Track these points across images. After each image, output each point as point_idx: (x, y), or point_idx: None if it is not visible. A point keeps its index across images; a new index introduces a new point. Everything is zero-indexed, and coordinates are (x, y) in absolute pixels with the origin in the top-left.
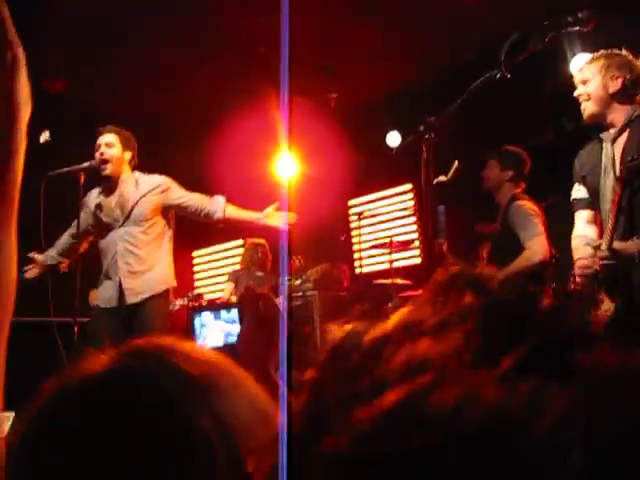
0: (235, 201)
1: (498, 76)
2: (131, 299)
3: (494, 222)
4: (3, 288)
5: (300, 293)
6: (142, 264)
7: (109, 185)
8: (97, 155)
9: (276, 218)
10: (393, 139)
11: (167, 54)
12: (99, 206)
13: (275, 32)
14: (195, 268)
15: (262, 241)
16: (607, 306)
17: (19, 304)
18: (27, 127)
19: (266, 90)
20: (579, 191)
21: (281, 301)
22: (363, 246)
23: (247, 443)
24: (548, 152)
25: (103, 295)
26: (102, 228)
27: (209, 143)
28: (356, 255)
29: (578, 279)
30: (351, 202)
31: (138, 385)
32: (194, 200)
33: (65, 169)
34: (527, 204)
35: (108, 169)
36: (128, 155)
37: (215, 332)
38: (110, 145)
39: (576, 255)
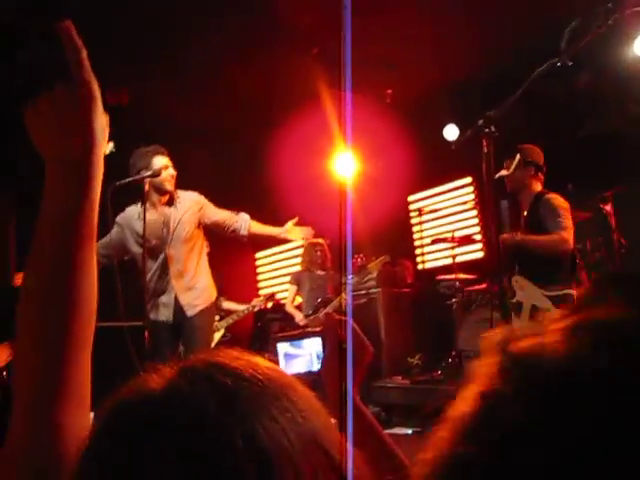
0: (296, 200)
1: (559, 64)
2: (190, 312)
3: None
4: (89, 304)
5: (363, 291)
6: (192, 279)
7: (156, 202)
8: (166, 174)
9: (295, 232)
10: (451, 133)
11: (224, 58)
12: (147, 227)
13: (329, 30)
14: (259, 269)
15: (320, 240)
16: None
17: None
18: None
19: (322, 89)
20: None
21: (345, 299)
22: (424, 242)
23: (286, 471)
24: (613, 138)
25: (160, 312)
26: (149, 249)
27: (269, 144)
28: (418, 251)
29: None
30: (411, 198)
31: (185, 409)
32: (224, 217)
33: (131, 178)
34: (558, 198)
35: (172, 185)
36: None
37: (297, 361)
38: (171, 165)
39: None
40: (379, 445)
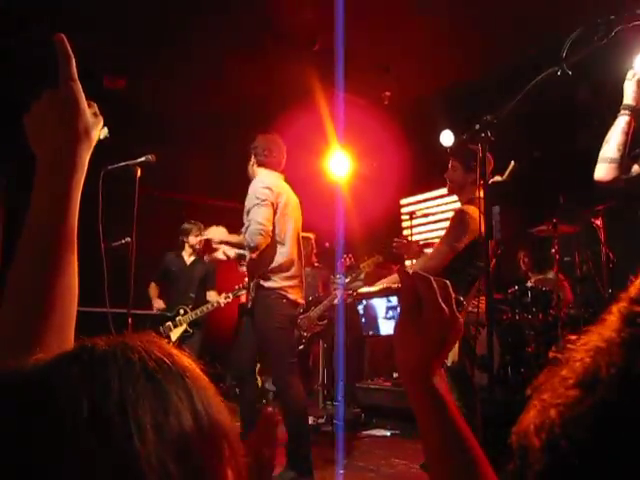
0: None
1: (559, 73)
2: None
3: (550, 225)
4: (73, 295)
5: (350, 291)
6: None
7: None
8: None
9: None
10: (446, 138)
11: (222, 52)
12: None
13: (329, 30)
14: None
15: (311, 235)
16: None
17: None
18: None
19: (320, 88)
20: None
21: (337, 297)
22: None
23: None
24: None
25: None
26: None
27: None
28: None
29: None
30: (403, 201)
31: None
32: None
33: (122, 163)
34: (464, 212)
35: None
36: None
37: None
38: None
39: None
40: (461, 456)
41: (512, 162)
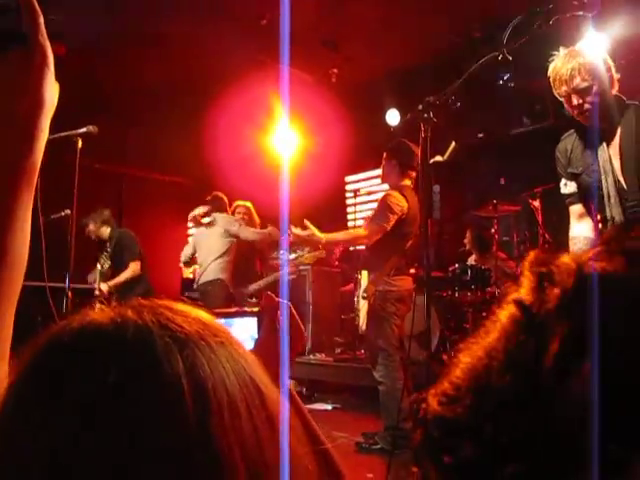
0: (232, 175)
1: (500, 58)
2: None
3: (490, 205)
4: (19, 265)
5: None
6: None
7: None
8: None
9: None
10: (392, 117)
11: (167, 23)
12: None
13: (277, 5)
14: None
15: (242, 202)
16: None
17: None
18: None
19: (266, 63)
20: (568, 186)
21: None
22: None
23: (221, 399)
24: (549, 136)
25: None
26: None
27: (207, 115)
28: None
29: None
30: (348, 178)
31: (133, 332)
32: None
33: (63, 134)
34: (395, 197)
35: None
36: None
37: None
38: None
39: None
40: (299, 416)
41: (452, 142)
